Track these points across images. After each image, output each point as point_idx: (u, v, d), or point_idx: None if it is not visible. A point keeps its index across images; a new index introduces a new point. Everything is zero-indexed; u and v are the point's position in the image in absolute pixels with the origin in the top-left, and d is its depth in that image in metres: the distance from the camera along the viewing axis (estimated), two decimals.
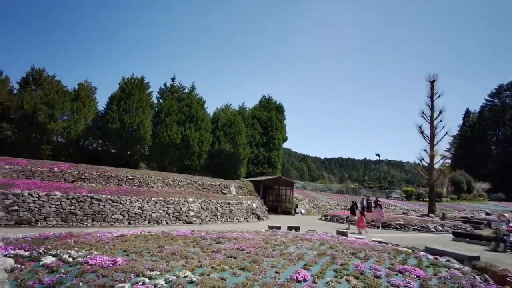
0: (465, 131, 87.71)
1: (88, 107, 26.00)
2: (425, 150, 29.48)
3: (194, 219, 16.91)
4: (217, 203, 18.87)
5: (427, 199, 32.27)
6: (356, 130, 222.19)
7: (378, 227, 18.72)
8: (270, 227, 13.53)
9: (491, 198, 57.77)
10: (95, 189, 15.20)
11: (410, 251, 8.47)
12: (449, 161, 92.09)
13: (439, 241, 14.05)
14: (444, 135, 29.37)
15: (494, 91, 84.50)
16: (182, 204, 16.99)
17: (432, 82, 30.15)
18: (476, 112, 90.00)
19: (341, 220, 21.93)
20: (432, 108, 29.63)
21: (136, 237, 7.53)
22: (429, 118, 29.52)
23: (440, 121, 29.12)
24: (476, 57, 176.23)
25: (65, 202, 12.81)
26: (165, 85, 29.64)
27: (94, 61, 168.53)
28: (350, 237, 11.03)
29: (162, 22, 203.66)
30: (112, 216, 13.76)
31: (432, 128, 29.28)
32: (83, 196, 13.45)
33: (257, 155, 32.93)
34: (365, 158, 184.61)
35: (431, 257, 7.82)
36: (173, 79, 30.30)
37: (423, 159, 29.30)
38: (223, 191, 24.81)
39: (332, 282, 4.67)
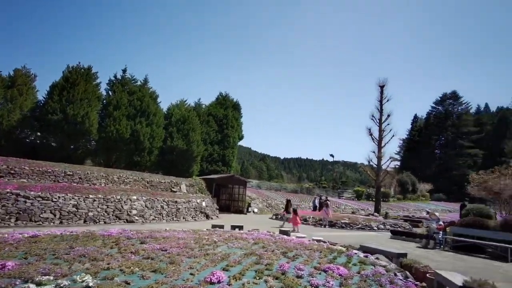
0: (413, 135, 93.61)
1: (25, 95, 23.81)
2: (373, 152, 30.95)
3: (136, 218, 16.11)
4: (164, 201, 18.18)
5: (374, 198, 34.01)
6: (315, 131, 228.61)
7: (325, 226, 19.14)
8: (213, 226, 13.21)
9: (433, 198, 62.04)
10: (24, 185, 13.91)
11: (344, 249, 8.60)
12: (399, 163, 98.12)
13: (377, 239, 14.62)
14: (391, 138, 30.97)
15: (439, 99, 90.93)
16: (124, 202, 16.12)
17: (381, 87, 31.63)
18: (423, 118, 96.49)
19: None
20: (381, 111, 31.10)
21: (52, 238, 6.84)
22: (378, 121, 30.97)
23: (388, 124, 30.71)
24: (427, 65, 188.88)
25: None
26: (115, 76, 28.08)
27: (37, 47, 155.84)
28: (291, 237, 11.05)
29: (120, 12, 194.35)
30: (41, 215, 12.61)
31: (381, 130, 30.73)
32: (7, 193, 12.19)
33: (211, 153, 32.37)
34: (322, 159, 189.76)
35: (362, 255, 7.98)
36: (124, 71, 28.80)
37: (371, 160, 30.72)
38: (173, 189, 24.03)
39: (249, 283, 4.48)
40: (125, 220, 15.45)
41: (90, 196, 14.83)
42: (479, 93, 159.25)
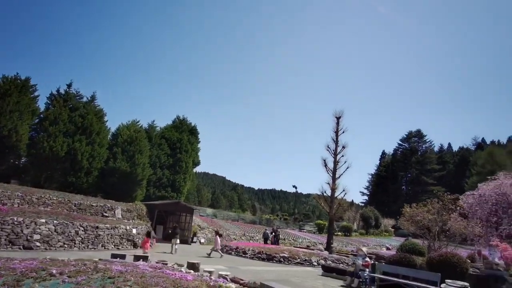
0: (381, 171, 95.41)
1: None
2: (328, 183, 30.31)
3: (38, 244, 14.17)
4: (80, 226, 16.31)
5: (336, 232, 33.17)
6: (289, 162, 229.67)
7: (221, 256, 17.93)
8: (114, 256, 11.59)
9: (397, 234, 61.83)
10: None
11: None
12: (367, 198, 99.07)
13: (304, 276, 13.48)
14: (346, 169, 30.46)
15: (405, 136, 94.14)
16: (26, 226, 14.19)
17: (338, 118, 31.61)
18: (391, 154, 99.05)
19: (230, 251, 20.76)
20: (336, 142, 30.84)
21: None
22: (333, 152, 30.62)
23: (343, 155, 30.38)
24: (395, 103, 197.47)
25: None
26: (57, 91, 26.49)
27: None
28: (179, 269, 9.70)
29: (80, 24, 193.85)
30: None
31: (336, 162, 30.30)
32: None
33: (160, 177, 30.65)
34: (296, 191, 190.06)
35: None
36: (69, 86, 27.32)
37: (325, 191, 29.94)
38: (105, 214, 22.00)
39: None
40: (21, 247, 13.50)
41: None
42: (443, 133, 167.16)
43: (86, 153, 24.88)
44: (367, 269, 11.91)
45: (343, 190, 30.15)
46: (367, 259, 12.56)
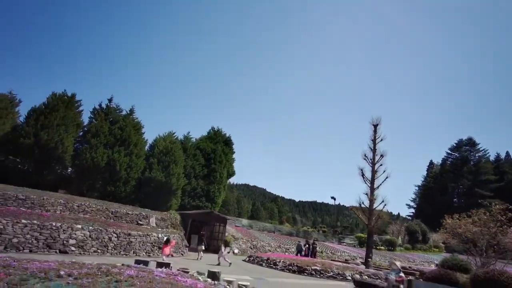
0: (428, 182, 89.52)
1: (4, 119, 23.96)
2: (366, 194, 28.80)
3: (73, 248, 14.84)
4: (114, 232, 16.91)
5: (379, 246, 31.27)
6: (328, 173, 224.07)
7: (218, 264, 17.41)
8: (138, 262, 11.73)
9: (448, 250, 57.10)
10: None
11: None
12: (413, 210, 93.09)
13: None
14: (385, 179, 28.78)
15: (455, 145, 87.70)
16: (64, 231, 14.96)
17: (375, 126, 30.22)
18: (439, 164, 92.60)
19: (261, 262, 20.36)
20: (374, 151, 29.41)
21: None
22: (371, 161, 29.17)
23: (381, 165, 28.82)
24: (442, 110, 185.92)
25: None
26: (100, 105, 28.25)
27: (31, 73, 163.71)
28: (200, 278, 9.48)
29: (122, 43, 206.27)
30: None
31: (374, 171, 28.82)
32: None
33: (194, 187, 31.14)
34: (339, 204, 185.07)
35: None
36: (110, 100, 29.02)
37: (363, 203, 28.45)
38: (139, 222, 22.69)
39: None
40: (57, 251, 14.23)
41: (23, 221, 13.81)
42: (499, 141, 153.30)
43: (124, 164, 26.02)
44: (401, 286, 10.90)
45: (383, 201, 28.38)
46: (402, 274, 11.50)
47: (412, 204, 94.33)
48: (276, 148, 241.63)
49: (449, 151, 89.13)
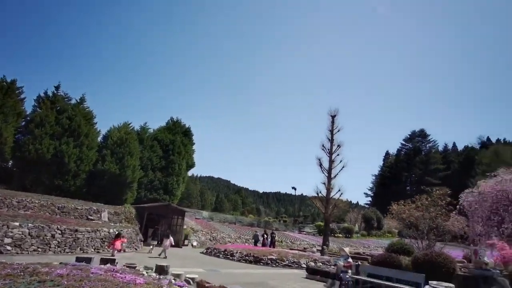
0: (384, 171, 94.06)
1: None
2: (324, 183, 29.50)
3: (9, 248, 13.61)
4: (58, 229, 15.75)
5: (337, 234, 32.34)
6: (295, 165, 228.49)
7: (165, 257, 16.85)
8: (79, 259, 11.00)
9: (401, 235, 60.35)
10: None
11: None
12: (370, 199, 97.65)
13: (286, 278, 12.83)
14: (342, 169, 29.63)
15: (408, 136, 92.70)
16: None
17: (333, 117, 30.94)
18: (394, 154, 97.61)
19: (218, 254, 20.13)
20: (331, 141, 30.15)
21: None
22: (328, 151, 29.86)
23: (338, 154, 29.62)
24: (399, 102, 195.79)
25: None
26: (45, 93, 26.14)
27: None
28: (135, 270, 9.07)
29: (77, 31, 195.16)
30: None
31: (331, 161, 29.56)
32: None
33: (152, 180, 30.06)
34: (301, 194, 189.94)
35: None
36: (57, 88, 26.96)
37: (320, 192, 29.13)
38: (90, 217, 21.47)
39: None
40: None
41: None
42: (448, 133, 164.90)
43: (74, 156, 24.44)
44: (349, 271, 11.15)
45: (339, 190, 29.27)
46: (350, 259, 11.75)
47: (369, 193, 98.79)
48: (240, 140, 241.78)
49: (403, 142, 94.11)
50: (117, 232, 16.91)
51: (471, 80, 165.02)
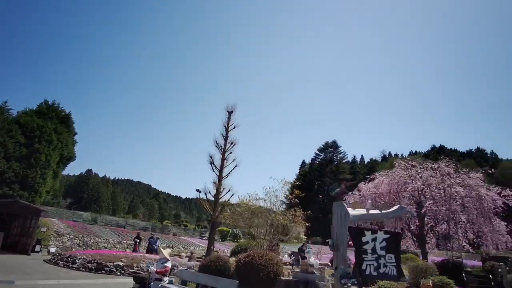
0: (299, 180, 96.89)
1: None
2: (214, 183, 27.22)
3: None
4: None
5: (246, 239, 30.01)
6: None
7: None
8: None
9: (313, 241, 61.86)
10: None
11: None
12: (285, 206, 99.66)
13: None
14: (233, 168, 27.65)
15: (322, 146, 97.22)
16: None
17: (230, 113, 28.92)
18: (309, 163, 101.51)
19: (59, 261, 16.51)
20: (226, 138, 28.05)
21: None
22: (221, 149, 27.76)
23: (231, 153, 27.61)
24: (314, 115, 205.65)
25: None
26: None
27: None
28: None
29: None
30: None
31: (223, 159, 27.44)
32: None
33: (4, 171, 24.29)
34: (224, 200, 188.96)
35: None
36: None
37: (209, 192, 26.74)
38: None
39: None
40: None
41: None
42: (358, 146, 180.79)
43: None
44: (166, 278, 8.67)
45: (229, 191, 27.20)
46: (168, 264, 9.21)
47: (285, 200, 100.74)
48: (155, 143, 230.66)
49: (317, 152, 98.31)
50: None
51: (377, 98, 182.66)
